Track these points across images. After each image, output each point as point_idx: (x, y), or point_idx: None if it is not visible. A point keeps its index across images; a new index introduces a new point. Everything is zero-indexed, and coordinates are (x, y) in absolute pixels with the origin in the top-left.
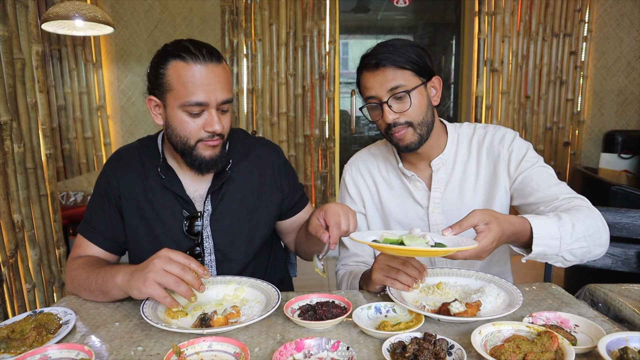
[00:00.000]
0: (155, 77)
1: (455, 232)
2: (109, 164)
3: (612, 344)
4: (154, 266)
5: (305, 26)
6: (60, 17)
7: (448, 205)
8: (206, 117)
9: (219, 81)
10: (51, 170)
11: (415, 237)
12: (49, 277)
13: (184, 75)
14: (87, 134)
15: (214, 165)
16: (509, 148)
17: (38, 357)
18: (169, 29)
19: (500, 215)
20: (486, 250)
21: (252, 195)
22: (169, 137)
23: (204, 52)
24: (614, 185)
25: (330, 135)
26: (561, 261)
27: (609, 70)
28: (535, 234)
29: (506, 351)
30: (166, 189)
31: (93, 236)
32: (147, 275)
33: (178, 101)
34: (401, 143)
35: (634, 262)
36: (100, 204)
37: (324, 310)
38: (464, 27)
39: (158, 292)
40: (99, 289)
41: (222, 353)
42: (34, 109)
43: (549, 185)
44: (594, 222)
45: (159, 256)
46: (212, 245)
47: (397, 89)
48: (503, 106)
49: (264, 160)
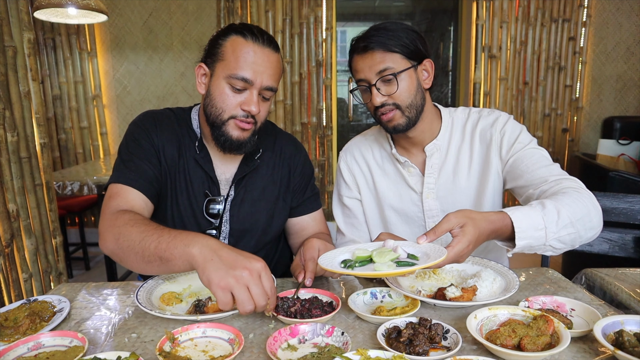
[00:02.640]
0: (213, 46)
1: (430, 239)
2: (146, 120)
3: (607, 327)
4: (242, 277)
5: (302, 13)
6: (52, 5)
7: (442, 191)
8: (247, 95)
9: (269, 66)
10: (46, 159)
11: (386, 252)
12: (45, 266)
13: (239, 50)
14: (83, 124)
15: (238, 147)
16: (501, 131)
17: (31, 344)
18: (164, 16)
19: (477, 215)
20: (462, 254)
21: (273, 187)
22: (205, 107)
23: (265, 37)
24: (612, 171)
25: (328, 122)
26: (550, 250)
27: (608, 56)
28: (517, 228)
29: (502, 335)
30: (197, 164)
31: (135, 180)
32: (229, 279)
33: (226, 72)
34: (389, 124)
35: (631, 247)
36: (140, 152)
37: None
38: (461, 13)
39: (227, 300)
40: (158, 255)
41: (216, 339)
42: (27, 98)
43: (539, 167)
44: (582, 205)
45: (252, 269)
46: (228, 230)
47: (385, 71)
48: (501, 92)
49: (287, 155)
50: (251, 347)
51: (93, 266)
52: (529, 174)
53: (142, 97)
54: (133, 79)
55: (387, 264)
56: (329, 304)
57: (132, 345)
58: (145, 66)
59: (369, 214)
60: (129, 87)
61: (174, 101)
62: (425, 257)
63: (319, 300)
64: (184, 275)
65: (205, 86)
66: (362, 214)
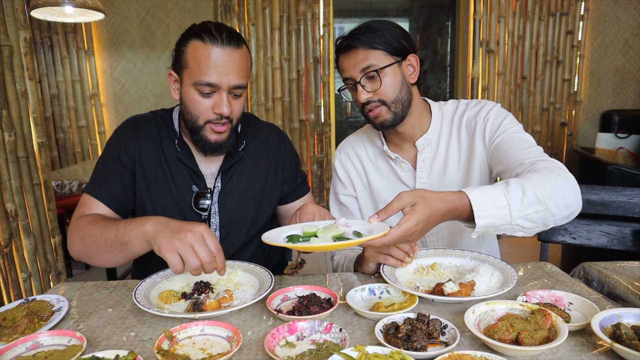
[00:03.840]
0: (177, 53)
1: (381, 218)
2: (125, 128)
3: (605, 321)
4: (186, 238)
5: (299, 9)
6: (49, 4)
7: (435, 185)
8: (216, 98)
9: (234, 65)
10: (44, 158)
11: (332, 228)
12: (44, 266)
13: (199, 55)
14: (81, 123)
15: (217, 149)
16: (485, 118)
17: (30, 343)
18: (160, 14)
19: (431, 194)
20: (410, 232)
21: (260, 176)
22: (182, 113)
23: (224, 36)
24: (610, 165)
25: (326, 119)
26: (520, 230)
27: (606, 50)
28: (475, 206)
29: (499, 330)
30: (180, 162)
31: (103, 194)
32: (175, 241)
33: (191, 79)
34: (376, 120)
35: (630, 240)
36: (113, 165)
37: (311, 308)
38: (459, 8)
39: (175, 260)
40: (118, 241)
41: (215, 337)
42: (24, 97)
43: (516, 150)
44: (552, 182)
45: (195, 230)
46: (217, 222)
47: (368, 68)
48: (499, 87)
49: (271, 144)
50: (249, 345)
51: (92, 265)
52: (507, 157)
53: (140, 96)
54: (130, 77)
55: (323, 239)
56: (327, 300)
57: (131, 344)
58: (142, 64)
59: (364, 210)
60: (127, 85)
61: (172, 99)
62: (369, 233)
63: (317, 297)
64: (181, 273)
65: (178, 92)
66: (359, 211)
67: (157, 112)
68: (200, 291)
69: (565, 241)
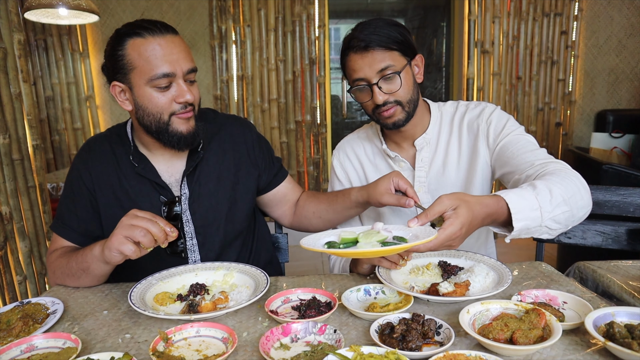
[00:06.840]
0: (114, 61)
1: (422, 222)
2: (80, 157)
3: (599, 319)
4: (121, 223)
5: (294, 11)
6: (43, 6)
7: (433, 184)
8: (175, 88)
9: (180, 50)
10: (39, 161)
11: (373, 233)
12: (40, 268)
13: (144, 51)
14: (77, 125)
15: (192, 140)
16: (487, 120)
17: (24, 346)
18: (155, 16)
19: (471, 198)
20: (455, 237)
21: (228, 174)
22: (140, 120)
23: (159, 26)
24: (605, 164)
25: (322, 120)
26: (546, 232)
27: (600, 50)
28: (513, 209)
29: (494, 329)
30: (140, 176)
31: (65, 232)
32: (115, 232)
33: (144, 78)
34: (389, 121)
35: (625, 239)
36: (71, 199)
37: (310, 312)
38: (454, 9)
39: (127, 245)
40: (80, 268)
41: (210, 338)
42: (18, 100)
43: (524, 152)
44: (571, 184)
45: (126, 215)
46: (192, 229)
47: (386, 69)
48: (494, 87)
49: (236, 138)
50: (245, 346)
51: None
52: (515, 159)
53: None
54: None
55: (371, 244)
56: (327, 304)
57: (126, 346)
58: None
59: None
60: None
61: None
62: (414, 238)
63: (317, 300)
64: (177, 275)
65: (130, 101)
66: None
67: (112, 128)
68: (196, 293)
69: (561, 241)
